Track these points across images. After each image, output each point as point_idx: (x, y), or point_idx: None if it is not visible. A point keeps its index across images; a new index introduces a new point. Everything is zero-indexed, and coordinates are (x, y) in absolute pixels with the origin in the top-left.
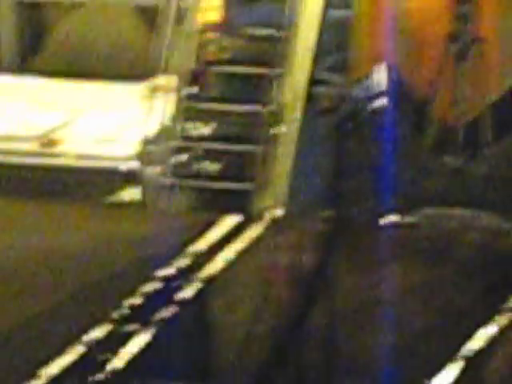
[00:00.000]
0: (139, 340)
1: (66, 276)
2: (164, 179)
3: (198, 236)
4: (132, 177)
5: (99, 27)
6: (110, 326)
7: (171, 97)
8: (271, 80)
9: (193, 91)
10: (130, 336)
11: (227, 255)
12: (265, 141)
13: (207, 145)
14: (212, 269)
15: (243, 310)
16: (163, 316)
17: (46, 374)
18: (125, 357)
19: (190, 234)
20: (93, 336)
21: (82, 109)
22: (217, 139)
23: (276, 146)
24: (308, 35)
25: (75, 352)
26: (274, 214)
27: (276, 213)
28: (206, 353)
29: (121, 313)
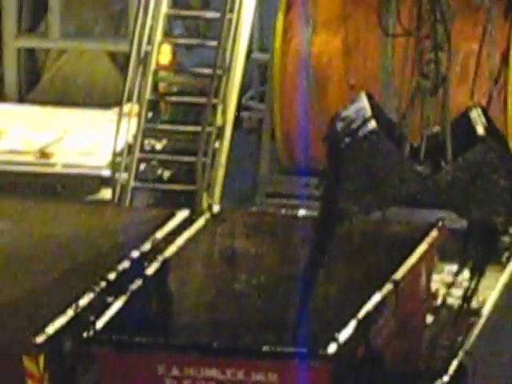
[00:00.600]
0: (115, 306)
1: (58, 258)
2: (129, 183)
3: (157, 226)
4: (105, 181)
5: (80, 68)
6: (93, 296)
7: (134, 120)
8: (209, 107)
9: (150, 116)
10: (108, 303)
11: (179, 241)
12: (204, 154)
13: (161, 156)
14: (168, 252)
15: (192, 284)
16: (132, 288)
17: (46, 332)
18: (105, 318)
19: (150, 225)
20: (80, 303)
21: (68, 129)
22: (168, 152)
23: (213, 158)
24: (236, 73)
25: (67, 315)
26: (213, 210)
27: (214, 208)
28: (165, 315)
29: (100, 286)
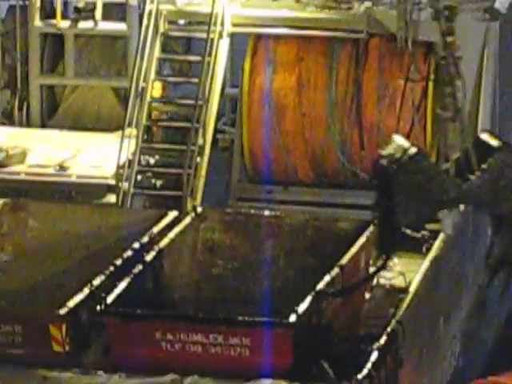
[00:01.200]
0: (121, 285)
1: (75, 248)
2: (130, 190)
3: (152, 224)
4: (111, 189)
5: (90, 100)
6: (104, 278)
7: (133, 141)
8: (192, 130)
9: (145, 137)
10: (116, 283)
11: (170, 235)
12: (189, 167)
13: (154, 169)
14: (162, 243)
15: (181, 268)
16: (134, 271)
17: (67, 306)
18: (113, 295)
19: (147, 223)
20: (94, 283)
21: (81, 148)
22: (160, 166)
23: (195, 170)
24: (213, 104)
25: (84, 293)
26: (196, 210)
27: (197, 209)
28: (160, 293)
29: (109, 270)
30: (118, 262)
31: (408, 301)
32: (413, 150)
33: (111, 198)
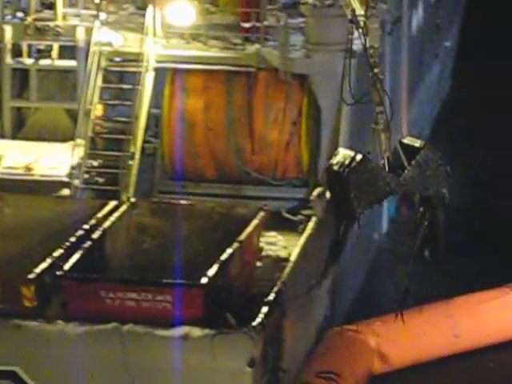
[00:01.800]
0: (75, 256)
1: (38, 229)
2: (79, 185)
3: (97, 211)
4: (65, 185)
5: (49, 119)
6: (61, 251)
7: (81, 149)
8: (126, 141)
9: (91, 146)
10: (71, 255)
11: (111, 218)
12: (123, 168)
13: (97, 170)
14: (105, 225)
15: (119, 244)
16: (85, 246)
17: (35, 271)
18: (69, 264)
19: (93, 210)
20: (54, 255)
21: (43, 154)
22: (102, 167)
23: (129, 170)
24: (141, 121)
25: (47, 262)
26: (130, 201)
27: (131, 200)
28: (104, 262)
29: (65, 245)
30: (72, 239)
31: (289, 267)
32: (359, 157)
33: (65, 192)
